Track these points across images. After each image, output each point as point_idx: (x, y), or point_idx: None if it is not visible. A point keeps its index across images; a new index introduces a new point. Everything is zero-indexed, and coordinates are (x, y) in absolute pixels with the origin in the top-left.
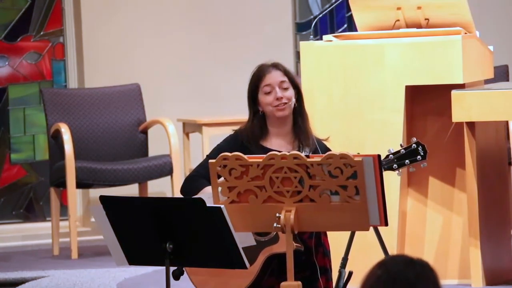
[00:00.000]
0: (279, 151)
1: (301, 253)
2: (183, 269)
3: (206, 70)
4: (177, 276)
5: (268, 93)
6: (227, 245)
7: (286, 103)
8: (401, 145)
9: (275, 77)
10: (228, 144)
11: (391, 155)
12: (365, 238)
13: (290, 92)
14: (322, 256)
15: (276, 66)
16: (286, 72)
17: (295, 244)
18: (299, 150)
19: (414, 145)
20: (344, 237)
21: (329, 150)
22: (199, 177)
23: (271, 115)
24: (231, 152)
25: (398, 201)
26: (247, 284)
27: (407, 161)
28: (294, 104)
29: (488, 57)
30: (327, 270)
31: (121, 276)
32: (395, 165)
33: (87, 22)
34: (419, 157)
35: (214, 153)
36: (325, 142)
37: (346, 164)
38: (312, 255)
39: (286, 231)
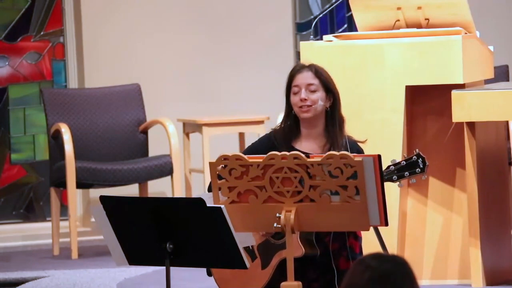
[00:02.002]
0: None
1: (321, 255)
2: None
3: (206, 70)
4: (210, 273)
5: (296, 93)
6: (227, 245)
7: (310, 105)
8: (403, 156)
9: (304, 78)
10: (261, 143)
11: (392, 166)
12: (365, 238)
13: (318, 95)
14: (345, 259)
15: (309, 67)
16: (318, 75)
17: (305, 250)
18: None
19: (414, 157)
20: None
21: (362, 152)
22: None
23: (299, 117)
24: (263, 152)
25: (398, 201)
26: (261, 287)
27: (406, 173)
28: (327, 108)
29: (488, 57)
30: None
31: (121, 276)
32: (394, 176)
33: (87, 22)
34: (418, 169)
35: (246, 152)
36: (360, 145)
37: (346, 164)
38: (330, 259)
39: (286, 231)
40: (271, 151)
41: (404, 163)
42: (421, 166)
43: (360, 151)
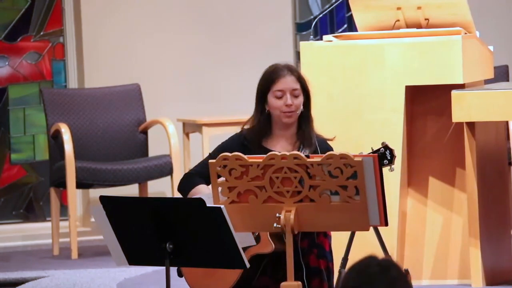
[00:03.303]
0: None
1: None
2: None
3: (206, 70)
4: (181, 273)
5: (280, 97)
6: (227, 245)
7: (294, 111)
8: (372, 148)
9: (289, 83)
10: (231, 142)
11: None
12: (365, 238)
13: (300, 100)
14: (316, 257)
15: (291, 70)
16: (299, 78)
17: (275, 246)
18: (298, 151)
19: (382, 149)
20: (344, 237)
21: (331, 149)
22: (195, 175)
23: (277, 119)
24: (232, 151)
25: (398, 201)
26: (231, 285)
27: None
28: (302, 109)
29: (488, 57)
30: (321, 271)
31: (121, 276)
32: None
33: (87, 22)
34: (385, 161)
35: (216, 152)
36: (329, 142)
37: (346, 164)
38: (299, 256)
39: (286, 231)
40: (242, 150)
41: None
42: (389, 157)
43: (329, 148)
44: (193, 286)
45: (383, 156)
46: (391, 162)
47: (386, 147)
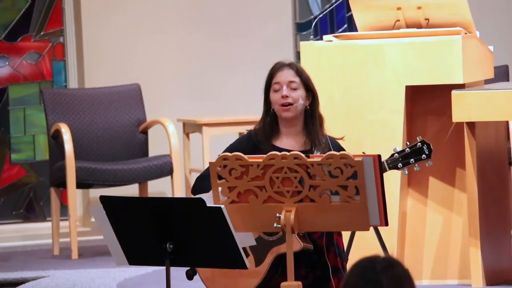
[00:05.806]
0: (291, 151)
1: (312, 252)
2: (196, 268)
3: (206, 70)
4: (190, 276)
5: (277, 91)
6: (227, 245)
7: (291, 103)
8: (407, 143)
9: (285, 75)
10: (241, 144)
11: (396, 154)
12: (365, 238)
13: (299, 94)
14: (334, 255)
15: (290, 65)
16: (299, 73)
17: (303, 243)
18: (311, 150)
19: (419, 143)
20: (344, 237)
21: (343, 150)
22: (209, 176)
23: (279, 115)
24: (243, 152)
25: (398, 201)
26: (255, 284)
27: (412, 159)
28: (306, 107)
29: (488, 57)
30: (339, 270)
31: (121, 276)
32: (400, 164)
33: (87, 22)
34: (424, 155)
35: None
36: (339, 142)
37: (346, 164)
38: (323, 254)
39: (286, 231)
40: (252, 150)
41: (409, 150)
42: (427, 152)
43: (342, 148)
44: (209, 285)
45: (421, 151)
46: (429, 156)
47: (423, 142)
